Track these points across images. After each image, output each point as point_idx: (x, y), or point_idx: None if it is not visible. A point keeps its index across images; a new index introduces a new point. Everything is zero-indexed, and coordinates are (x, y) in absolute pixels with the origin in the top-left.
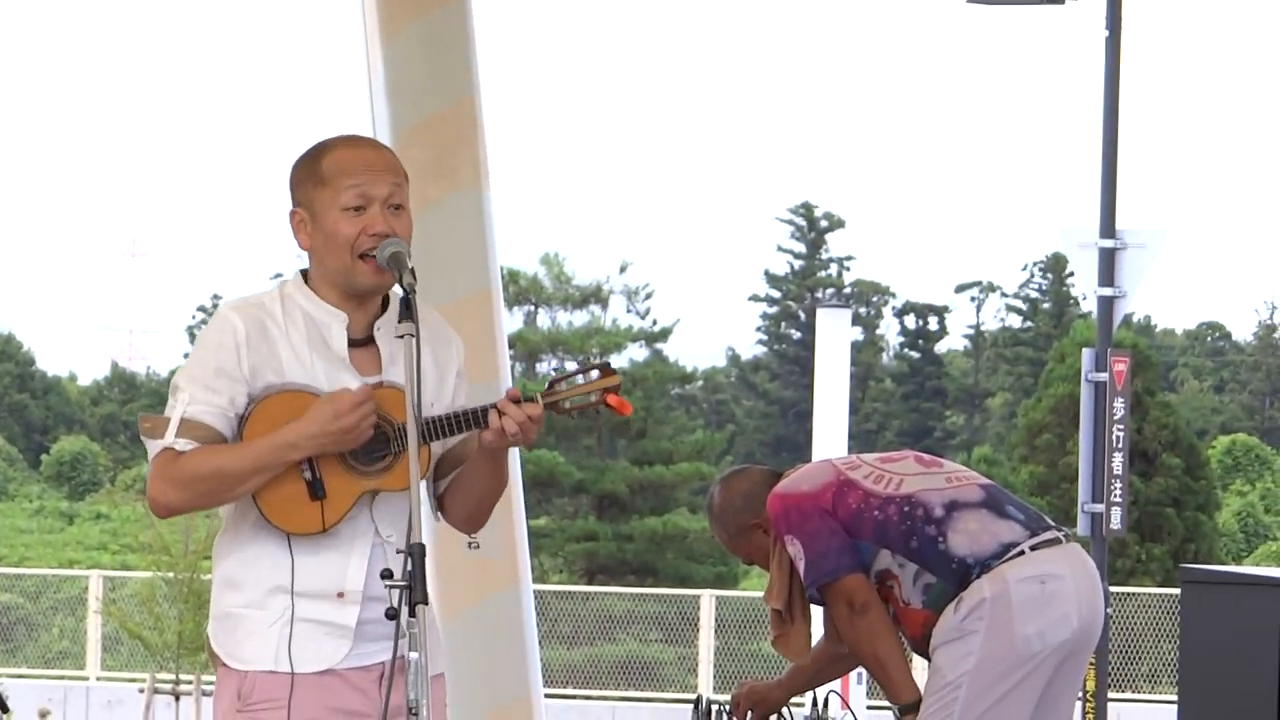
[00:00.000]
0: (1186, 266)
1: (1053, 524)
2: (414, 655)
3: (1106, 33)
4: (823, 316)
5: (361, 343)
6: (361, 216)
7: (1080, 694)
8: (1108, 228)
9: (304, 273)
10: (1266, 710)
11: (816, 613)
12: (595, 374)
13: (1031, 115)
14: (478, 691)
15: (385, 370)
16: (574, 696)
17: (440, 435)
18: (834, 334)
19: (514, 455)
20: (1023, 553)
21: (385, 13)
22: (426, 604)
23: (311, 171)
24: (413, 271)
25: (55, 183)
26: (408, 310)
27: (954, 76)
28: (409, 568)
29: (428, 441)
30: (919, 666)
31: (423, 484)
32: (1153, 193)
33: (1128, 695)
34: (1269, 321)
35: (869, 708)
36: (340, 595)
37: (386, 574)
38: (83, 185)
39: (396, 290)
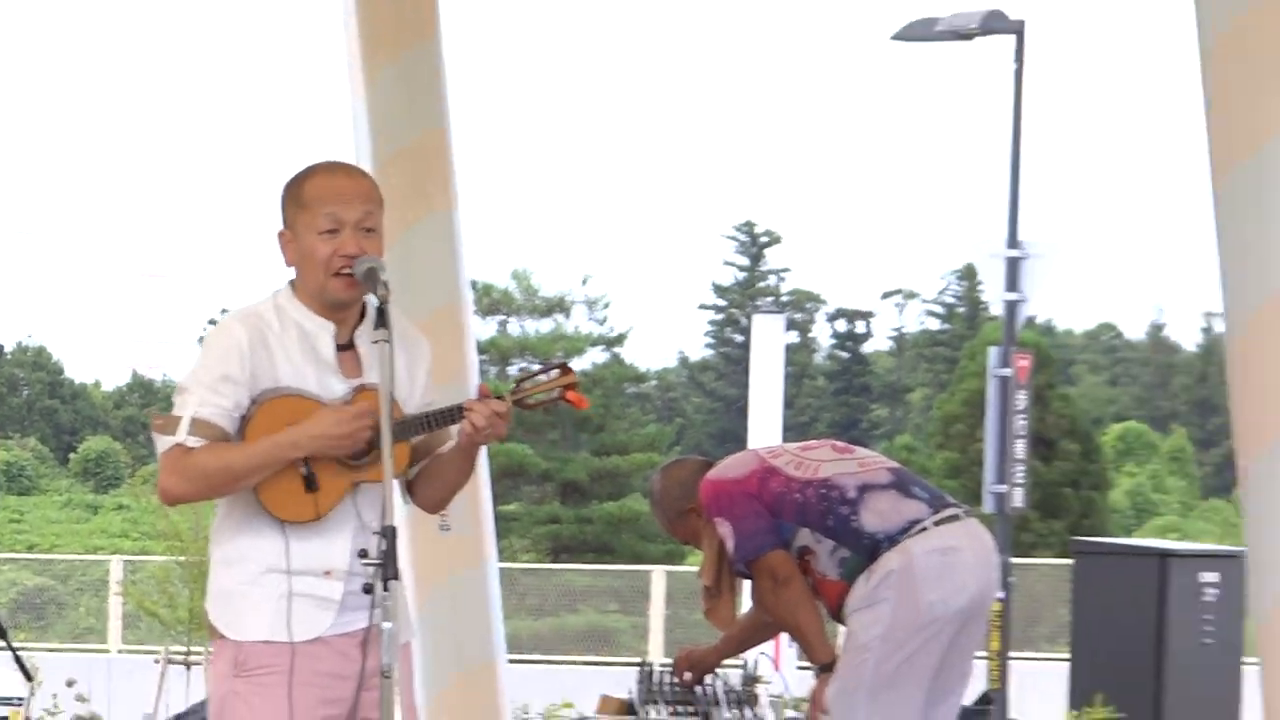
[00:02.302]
0: (1084, 274)
1: (954, 502)
2: (387, 625)
3: (1014, 65)
4: (759, 322)
5: (344, 347)
6: (335, 239)
7: (986, 653)
8: (1013, 240)
9: (292, 284)
10: (1145, 663)
11: (743, 586)
12: (556, 373)
13: (947, 139)
14: (448, 657)
15: (365, 373)
16: (541, 662)
17: (418, 432)
18: (769, 337)
19: (484, 448)
20: (926, 528)
21: (366, 51)
22: (398, 580)
23: (294, 197)
24: (385, 284)
25: (82, 213)
26: (382, 319)
27: (878, 105)
28: (383, 548)
29: (406, 438)
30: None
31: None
32: (1054, 208)
33: (1028, 654)
34: (1158, 322)
35: (799, 668)
36: (327, 573)
37: (363, 554)
38: (106, 215)
39: (372, 298)
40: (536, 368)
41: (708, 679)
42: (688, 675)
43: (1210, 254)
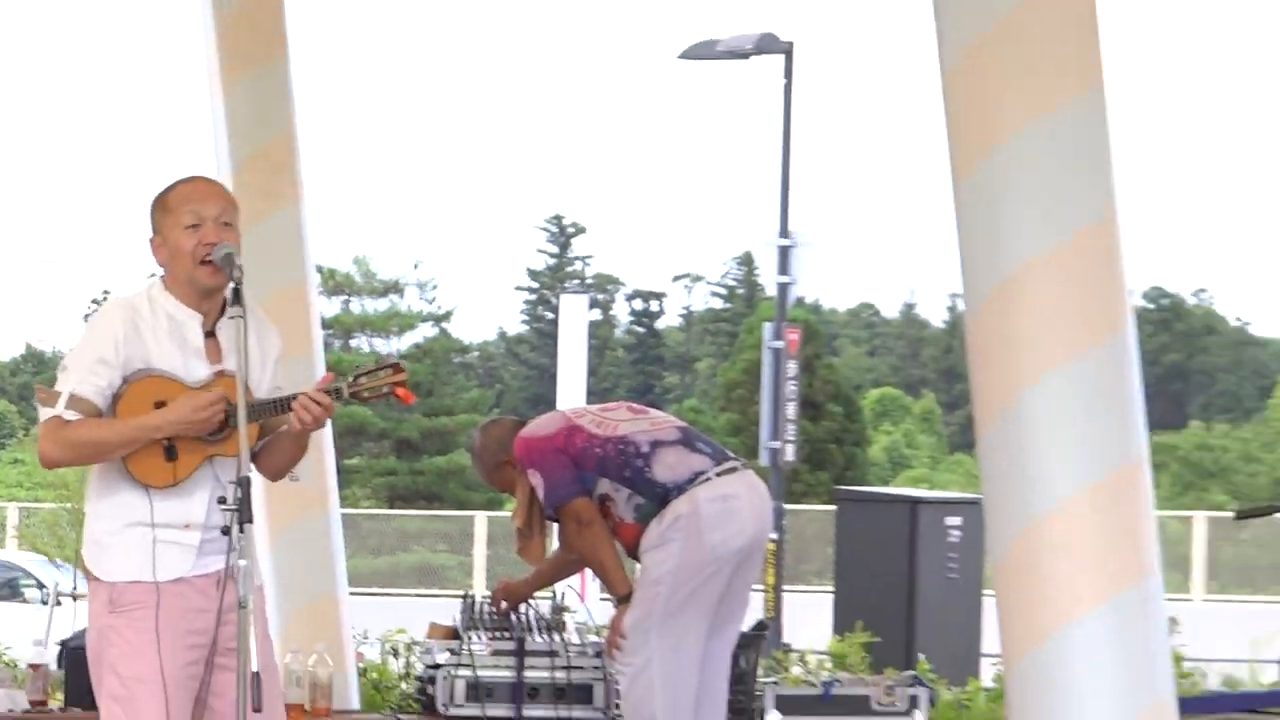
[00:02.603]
0: (846, 259)
1: (733, 455)
2: (243, 563)
3: (784, 80)
4: (566, 301)
5: (208, 335)
6: (198, 231)
7: (762, 586)
8: (784, 230)
9: (162, 279)
10: (899, 595)
11: (552, 528)
12: (389, 371)
13: (727, 144)
14: (298, 590)
15: (225, 359)
16: (378, 594)
17: (263, 415)
18: (575, 315)
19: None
20: (709, 478)
21: (224, 64)
22: (252, 523)
23: (161, 205)
24: (240, 268)
25: None
26: (237, 298)
27: (669, 115)
28: (239, 495)
29: (256, 420)
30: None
31: None
32: (819, 203)
33: (799, 587)
34: (910, 301)
35: (601, 599)
36: (187, 526)
37: (222, 500)
38: (2, 210)
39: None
40: (380, 351)
41: (522, 608)
42: (504, 605)
43: (954, 244)
